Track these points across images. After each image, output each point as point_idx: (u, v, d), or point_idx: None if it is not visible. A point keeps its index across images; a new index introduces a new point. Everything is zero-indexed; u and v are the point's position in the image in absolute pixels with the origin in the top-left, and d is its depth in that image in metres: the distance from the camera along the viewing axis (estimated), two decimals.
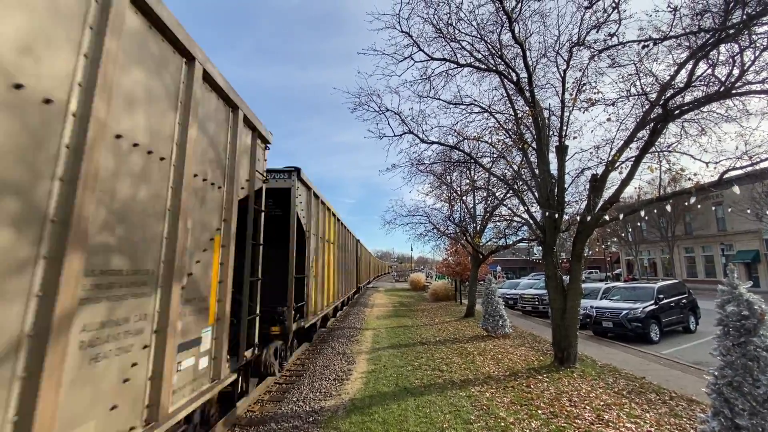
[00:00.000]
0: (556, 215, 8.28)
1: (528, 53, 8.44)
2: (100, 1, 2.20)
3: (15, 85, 1.70)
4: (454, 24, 8.74)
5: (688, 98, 7.54)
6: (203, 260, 3.44)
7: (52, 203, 1.87)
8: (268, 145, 5.39)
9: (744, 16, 5.90)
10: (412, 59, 9.23)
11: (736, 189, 6.45)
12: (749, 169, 6.87)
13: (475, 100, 10.15)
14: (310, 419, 5.26)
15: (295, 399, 6.09)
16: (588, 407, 5.55)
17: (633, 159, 7.61)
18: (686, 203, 22.52)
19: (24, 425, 1.68)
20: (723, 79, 6.85)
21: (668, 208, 7.23)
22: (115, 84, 2.28)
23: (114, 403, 2.27)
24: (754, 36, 6.41)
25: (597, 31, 7.41)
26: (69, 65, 1.99)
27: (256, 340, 5.03)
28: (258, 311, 4.99)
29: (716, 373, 3.91)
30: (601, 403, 5.70)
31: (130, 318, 2.41)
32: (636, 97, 8.24)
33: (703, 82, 7.52)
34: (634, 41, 6.87)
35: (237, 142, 4.13)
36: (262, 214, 5.16)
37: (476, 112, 10.30)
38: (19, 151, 1.72)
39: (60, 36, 1.94)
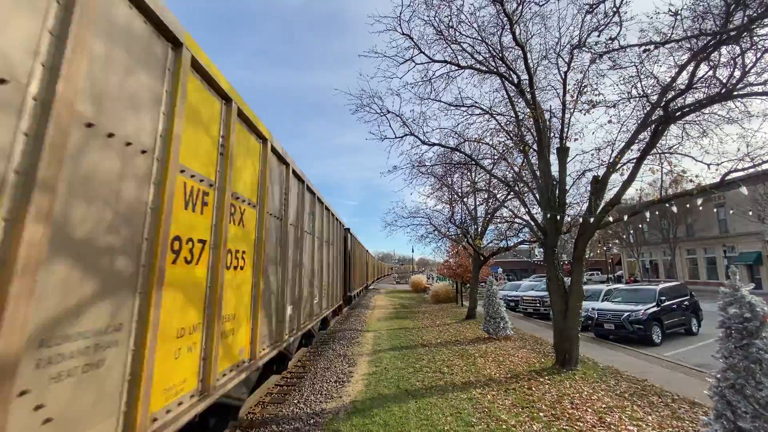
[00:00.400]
0: (558, 217, 8.28)
1: (529, 55, 8.46)
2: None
3: None
4: (454, 26, 8.77)
5: (689, 100, 7.55)
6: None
7: None
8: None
9: (745, 19, 5.91)
10: (413, 61, 9.26)
11: (744, 190, 6.44)
12: (751, 170, 6.86)
13: (476, 102, 10.17)
14: (311, 421, 5.26)
15: (296, 401, 6.08)
16: (590, 410, 5.54)
17: (634, 161, 7.61)
18: (687, 205, 22.54)
19: None
20: (724, 80, 6.85)
21: (674, 208, 7.21)
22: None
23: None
24: (755, 38, 6.42)
25: (598, 34, 7.43)
26: None
27: None
28: None
29: (718, 376, 3.90)
30: (603, 406, 5.69)
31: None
32: (637, 99, 8.25)
33: (704, 84, 7.53)
34: (634, 45, 6.89)
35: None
36: None
37: (477, 114, 10.33)
38: None
39: None
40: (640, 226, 37.33)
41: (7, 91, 1.60)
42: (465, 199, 16.13)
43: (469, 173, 15.48)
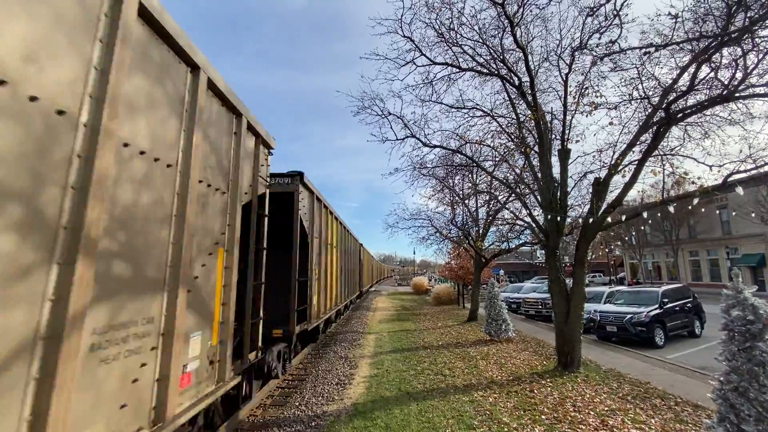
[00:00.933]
0: (559, 219, 8.26)
1: (530, 57, 8.46)
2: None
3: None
4: (456, 28, 8.78)
5: (690, 101, 7.54)
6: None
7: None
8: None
9: (746, 20, 5.91)
10: (414, 64, 9.27)
11: (740, 190, 6.42)
12: (753, 172, 6.83)
13: (477, 104, 10.18)
14: (313, 424, 5.25)
15: (297, 403, 6.08)
16: (592, 412, 5.51)
17: (636, 162, 7.60)
18: (690, 206, 22.43)
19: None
20: (726, 82, 6.85)
21: (671, 209, 7.19)
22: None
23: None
24: (757, 39, 6.41)
25: (599, 37, 7.44)
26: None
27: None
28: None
29: (722, 379, 3.89)
30: (606, 409, 5.66)
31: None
32: (638, 100, 8.24)
33: (705, 86, 7.52)
34: (635, 48, 6.89)
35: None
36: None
37: (478, 116, 10.33)
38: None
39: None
40: (642, 227, 37.24)
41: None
42: (466, 201, 16.12)
43: (470, 175, 15.48)
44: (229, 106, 3.96)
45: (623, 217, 7.57)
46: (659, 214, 32.31)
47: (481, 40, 8.84)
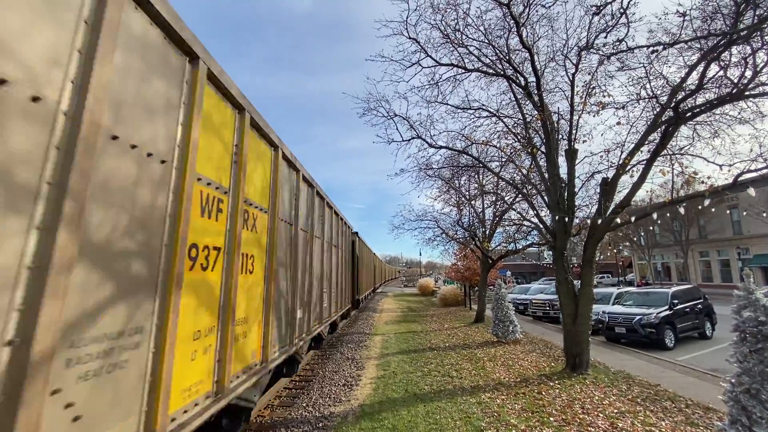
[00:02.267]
0: (567, 219, 8.21)
1: (536, 57, 8.44)
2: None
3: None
4: (461, 29, 8.80)
5: (699, 100, 7.47)
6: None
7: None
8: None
9: (755, 18, 5.84)
10: (420, 65, 9.30)
11: (752, 191, 6.34)
12: (764, 171, 6.74)
13: (483, 105, 10.17)
14: (320, 425, 5.28)
15: (304, 404, 6.11)
16: (601, 415, 5.47)
17: (644, 162, 7.54)
18: (700, 206, 22.18)
19: None
20: (735, 80, 6.77)
21: (681, 210, 7.12)
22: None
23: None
24: (766, 37, 6.33)
25: (606, 36, 7.39)
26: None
27: None
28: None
29: (733, 381, 3.84)
30: (615, 411, 5.61)
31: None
32: (646, 100, 8.18)
33: (715, 84, 7.44)
34: (643, 46, 6.84)
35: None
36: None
37: (484, 117, 10.32)
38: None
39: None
40: (651, 228, 36.83)
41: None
42: (473, 202, 16.10)
43: (476, 176, 15.46)
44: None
45: (632, 218, 7.51)
46: (668, 214, 31.95)
47: (486, 41, 8.85)
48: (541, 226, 9.14)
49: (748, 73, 6.57)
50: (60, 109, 1.78)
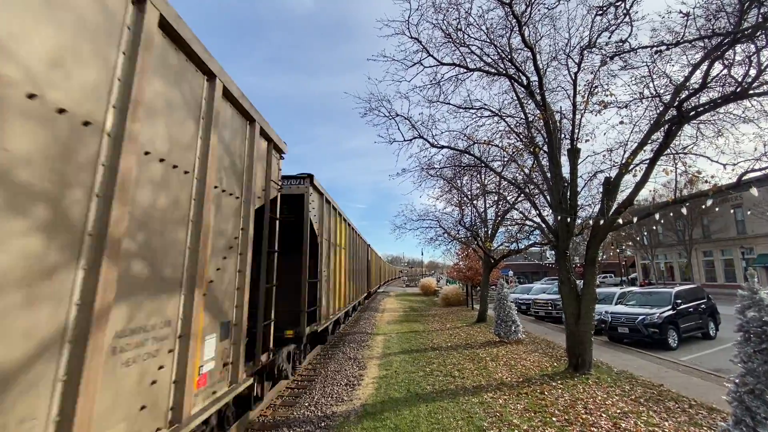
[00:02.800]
0: (569, 219, 8.19)
1: (538, 56, 8.42)
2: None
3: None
4: (463, 29, 8.78)
5: (703, 99, 7.42)
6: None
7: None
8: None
9: (759, 17, 5.81)
10: (422, 65, 9.29)
11: (754, 191, 6.30)
12: None
13: (485, 104, 10.15)
14: (322, 424, 5.29)
15: (307, 404, 6.12)
16: (604, 415, 5.46)
17: (647, 162, 7.50)
18: (703, 206, 22.05)
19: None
20: (739, 79, 6.73)
21: (684, 210, 7.09)
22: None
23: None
24: None
25: (609, 35, 7.37)
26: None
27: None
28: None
29: (737, 381, 3.82)
30: (618, 411, 5.60)
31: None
32: (649, 99, 8.13)
33: (718, 83, 7.40)
34: (646, 47, 6.80)
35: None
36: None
37: (486, 116, 10.29)
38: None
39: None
40: (655, 227, 36.62)
41: None
42: (475, 202, 16.06)
43: (478, 175, 15.43)
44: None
45: (635, 218, 7.49)
46: (672, 214, 31.78)
47: (488, 40, 8.83)
48: (544, 225, 9.12)
49: (752, 72, 6.52)
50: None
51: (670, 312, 11.04)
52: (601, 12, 6.95)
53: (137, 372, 2.33)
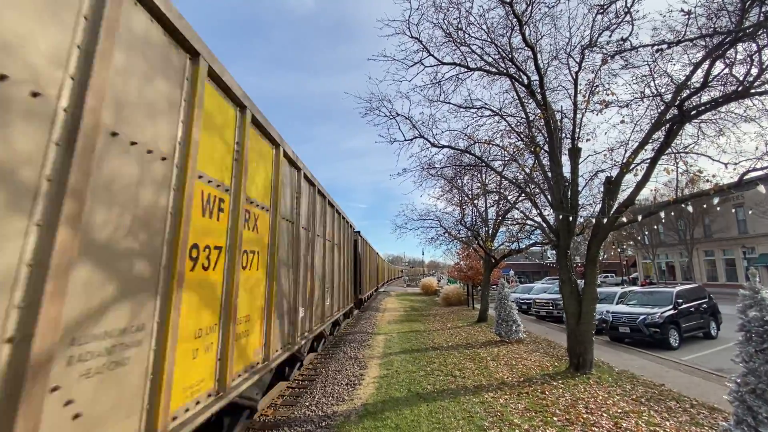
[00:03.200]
0: (570, 218, 8.18)
1: (539, 56, 8.40)
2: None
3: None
4: (464, 28, 8.77)
5: (704, 98, 7.40)
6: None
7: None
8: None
9: (761, 15, 5.79)
10: (422, 64, 9.28)
11: (762, 188, 6.28)
12: None
13: (485, 104, 10.14)
14: (323, 424, 5.28)
15: (307, 403, 6.12)
16: (605, 415, 5.45)
17: (648, 161, 7.48)
18: (704, 205, 22.00)
19: None
20: (741, 78, 6.71)
21: (690, 208, 7.07)
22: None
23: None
24: None
25: (609, 34, 7.35)
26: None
27: None
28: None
29: (738, 381, 3.81)
30: (619, 411, 5.58)
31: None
32: (650, 98, 8.12)
33: (720, 82, 7.38)
34: (647, 45, 6.79)
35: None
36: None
37: (487, 116, 10.29)
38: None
39: None
40: (656, 227, 36.58)
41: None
42: (475, 201, 16.05)
43: (479, 175, 15.42)
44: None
45: (636, 217, 7.47)
46: (673, 213, 31.74)
47: (489, 40, 8.82)
48: (545, 225, 9.11)
49: (754, 71, 6.50)
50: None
51: (672, 311, 11.02)
52: (601, 10, 6.94)
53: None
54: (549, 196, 8.76)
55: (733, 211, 29.65)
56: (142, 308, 2.29)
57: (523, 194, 12.22)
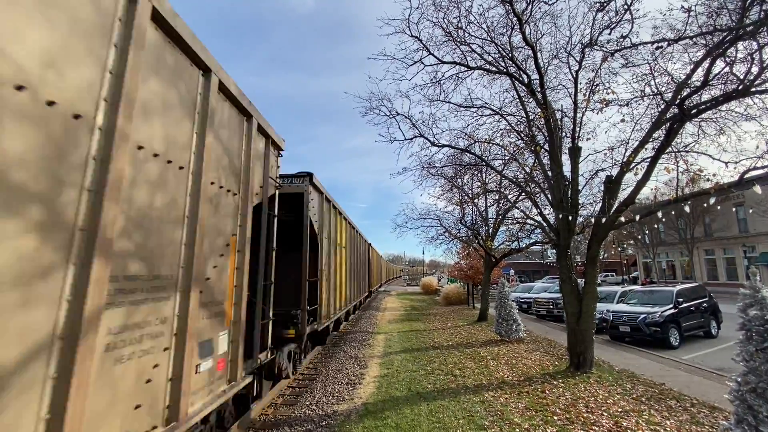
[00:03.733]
0: (570, 218, 8.17)
1: (539, 55, 8.38)
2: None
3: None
4: (463, 27, 8.75)
5: (705, 97, 7.38)
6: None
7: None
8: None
9: (762, 13, 5.77)
10: (422, 63, 9.26)
11: (758, 189, 6.27)
12: None
13: (485, 103, 10.12)
14: (323, 423, 5.28)
15: (308, 403, 6.12)
16: (605, 414, 5.44)
17: (649, 160, 7.47)
18: (705, 204, 21.97)
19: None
20: (741, 76, 6.69)
21: (687, 209, 7.06)
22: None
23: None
24: None
25: (609, 32, 7.33)
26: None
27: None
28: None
29: (739, 380, 3.81)
30: (619, 410, 5.58)
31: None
32: (651, 97, 8.10)
33: (720, 81, 7.37)
34: (647, 42, 6.77)
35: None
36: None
37: (487, 115, 10.27)
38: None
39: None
40: (656, 226, 36.54)
41: None
42: (476, 201, 16.03)
43: (479, 174, 15.41)
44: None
45: (637, 216, 7.46)
46: (673, 212, 31.67)
47: (489, 39, 8.80)
48: (545, 224, 9.09)
49: (755, 69, 6.49)
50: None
51: (672, 311, 11.01)
52: (601, 8, 6.92)
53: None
54: (549, 195, 8.75)
55: (734, 210, 29.59)
56: None
57: (523, 193, 12.20)
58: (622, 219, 7.58)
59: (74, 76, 1.95)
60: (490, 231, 15.89)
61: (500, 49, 8.80)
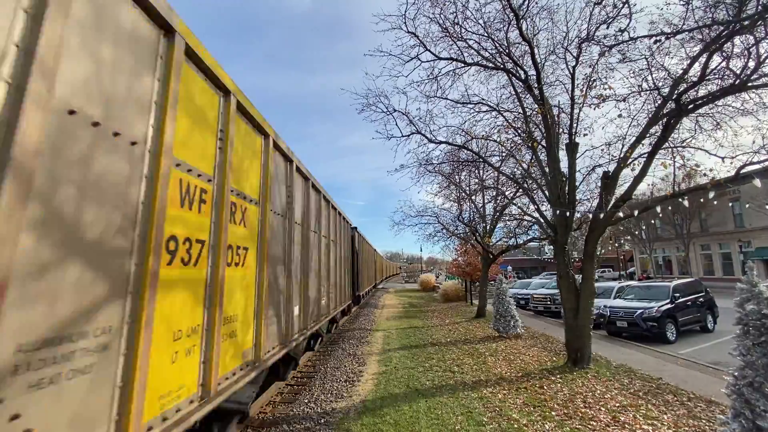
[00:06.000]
0: (567, 214, 8.17)
1: (536, 50, 8.36)
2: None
3: None
4: (460, 23, 8.72)
5: (702, 92, 7.39)
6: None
7: None
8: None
9: (759, 7, 5.76)
10: (419, 59, 9.23)
11: (758, 182, 6.27)
12: (767, 163, 6.69)
13: (483, 99, 10.10)
14: (322, 420, 5.28)
15: (306, 400, 6.11)
16: (603, 408, 5.46)
17: (646, 155, 7.48)
18: (701, 199, 22.08)
19: None
20: (738, 71, 6.70)
21: (686, 203, 7.07)
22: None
23: None
24: None
25: (607, 27, 7.31)
26: None
27: None
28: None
29: (736, 374, 3.81)
30: (617, 405, 5.60)
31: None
32: (648, 92, 8.10)
33: (717, 76, 7.36)
34: (644, 36, 6.76)
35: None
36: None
37: (484, 111, 10.25)
38: None
39: None
40: (653, 221, 36.69)
41: None
42: (473, 197, 16.05)
43: (477, 171, 15.41)
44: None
45: (634, 212, 7.47)
46: (670, 208, 31.84)
47: (486, 34, 8.77)
48: (542, 220, 9.10)
49: (751, 64, 6.49)
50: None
51: (669, 306, 11.07)
52: (599, 2, 6.89)
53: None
54: (546, 192, 8.75)
55: (730, 205, 29.77)
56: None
57: (520, 190, 12.20)
58: (620, 215, 7.59)
59: None
60: (488, 228, 15.91)
61: (497, 44, 8.78)
